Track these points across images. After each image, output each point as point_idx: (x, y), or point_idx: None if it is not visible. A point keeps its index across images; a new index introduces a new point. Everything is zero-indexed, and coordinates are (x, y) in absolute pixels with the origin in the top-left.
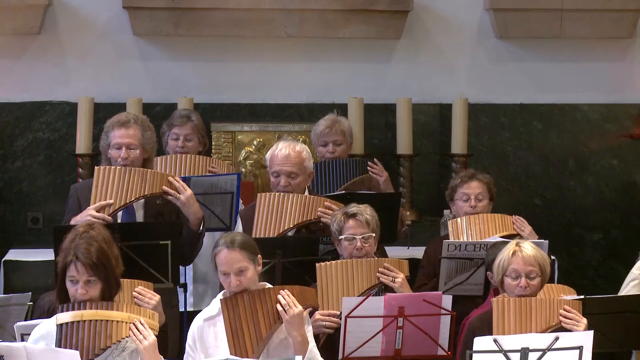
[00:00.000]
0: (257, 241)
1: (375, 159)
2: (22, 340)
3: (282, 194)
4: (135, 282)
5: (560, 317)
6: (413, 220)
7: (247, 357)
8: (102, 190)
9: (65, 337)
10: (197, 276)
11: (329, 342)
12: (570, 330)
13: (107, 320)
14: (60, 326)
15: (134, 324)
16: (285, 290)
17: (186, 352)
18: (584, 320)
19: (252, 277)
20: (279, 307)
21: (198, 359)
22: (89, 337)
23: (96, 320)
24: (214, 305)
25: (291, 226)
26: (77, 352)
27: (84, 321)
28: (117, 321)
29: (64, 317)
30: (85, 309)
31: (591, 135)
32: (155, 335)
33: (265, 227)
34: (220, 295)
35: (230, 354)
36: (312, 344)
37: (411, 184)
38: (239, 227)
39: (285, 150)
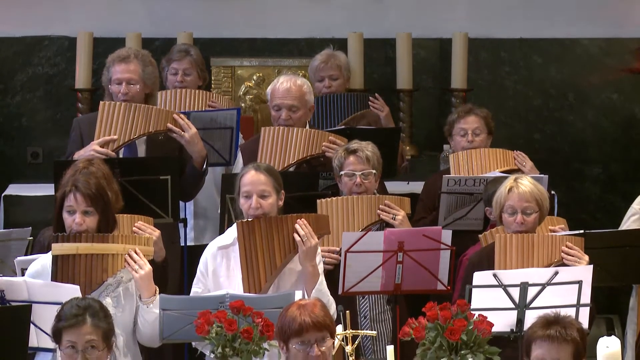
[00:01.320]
0: None
1: (376, 94)
2: (23, 275)
3: (286, 128)
4: (135, 217)
5: (562, 254)
6: (413, 155)
7: (261, 287)
8: (106, 125)
9: (60, 270)
10: (197, 211)
11: (329, 277)
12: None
13: (103, 254)
14: (55, 258)
15: (128, 254)
16: (303, 219)
17: (197, 277)
18: (586, 257)
19: (273, 205)
20: (296, 237)
21: (207, 286)
22: (85, 272)
23: (92, 255)
24: (229, 234)
25: (295, 160)
26: (78, 287)
27: (79, 255)
28: (113, 254)
29: (59, 248)
30: (81, 241)
31: (591, 70)
32: (151, 261)
33: (269, 161)
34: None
35: (243, 281)
36: (322, 277)
37: (411, 119)
38: (239, 161)
39: (286, 84)
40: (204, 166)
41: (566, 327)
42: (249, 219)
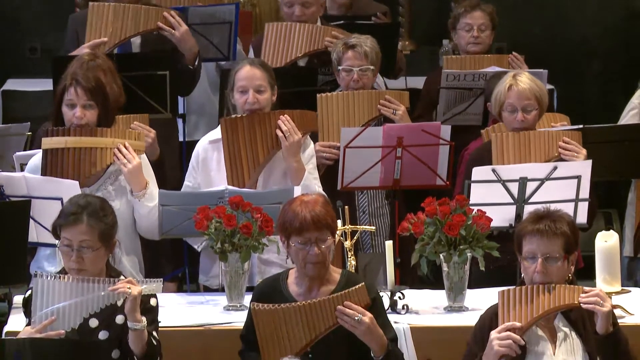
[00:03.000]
0: None
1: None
2: (22, 170)
3: (290, 23)
4: (131, 117)
5: (559, 149)
6: (412, 50)
7: (244, 182)
8: (96, 27)
9: (50, 164)
10: (190, 107)
11: (328, 173)
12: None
13: (91, 148)
14: (45, 152)
15: (117, 147)
16: (286, 115)
17: (188, 170)
18: (584, 151)
19: (268, 100)
20: (279, 132)
21: (198, 180)
22: (74, 165)
23: (80, 148)
24: (220, 128)
25: (299, 55)
26: (77, 182)
27: (68, 149)
28: (102, 148)
29: (49, 142)
30: (70, 135)
31: None
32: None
33: (273, 57)
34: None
35: (227, 176)
36: (309, 171)
37: (410, 13)
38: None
39: None
40: (196, 63)
41: (556, 221)
42: (232, 117)
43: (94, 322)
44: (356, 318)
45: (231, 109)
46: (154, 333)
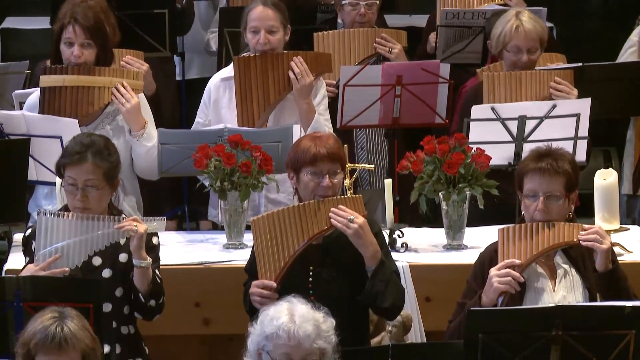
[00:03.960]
0: None
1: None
2: (21, 108)
3: None
4: (124, 51)
5: (550, 89)
6: None
7: (254, 122)
8: None
9: (47, 102)
10: (186, 44)
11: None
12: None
13: (89, 87)
14: (42, 90)
15: (115, 87)
16: (299, 57)
17: (200, 107)
18: (575, 92)
19: (280, 41)
20: (291, 74)
21: (210, 117)
22: (71, 103)
23: (78, 87)
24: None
25: None
26: (76, 121)
27: (66, 87)
28: (100, 87)
29: (47, 80)
30: (68, 74)
31: None
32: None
33: None
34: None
35: (237, 115)
36: (320, 112)
37: None
38: None
39: None
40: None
41: (557, 159)
42: (245, 55)
43: (97, 261)
44: (349, 218)
45: (242, 47)
46: (157, 271)
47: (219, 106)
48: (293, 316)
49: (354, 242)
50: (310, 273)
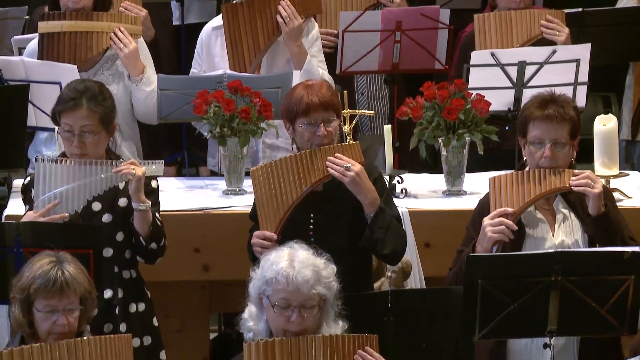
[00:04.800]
0: None
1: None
2: (20, 54)
3: None
4: None
5: (541, 28)
6: None
7: (246, 68)
8: None
9: (46, 47)
10: None
11: (327, 57)
12: (552, 42)
13: (87, 32)
14: (41, 36)
15: (114, 32)
16: (286, 0)
17: (194, 57)
18: (566, 30)
19: None
20: (279, 18)
21: (204, 67)
22: (70, 49)
23: (76, 32)
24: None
25: None
26: (75, 67)
27: (64, 33)
28: (98, 32)
29: (45, 26)
30: (66, 19)
31: None
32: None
33: None
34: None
35: (229, 62)
36: (313, 54)
37: None
38: None
39: None
40: None
41: (563, 106)
42: (235, 1)
43: (97, 206)
44: (345, 166)
45: None
46: (157, 215)
47: (211, 55)
48: (293, 262)
49: (352, 190)
50: (311, 220)
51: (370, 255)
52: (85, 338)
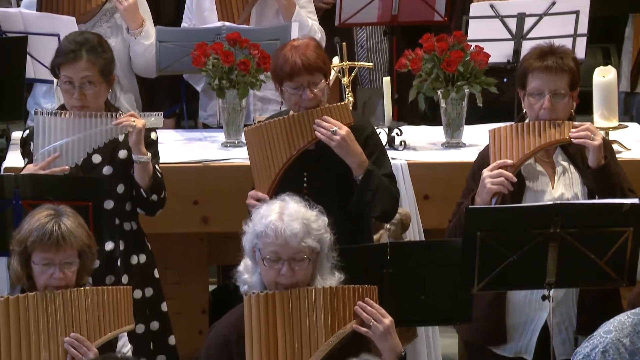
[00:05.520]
0: None
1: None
2: (18, 6)
3: None
4: None
5: None
6: None
7: (234, 21)
8: None
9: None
10: None
11: (325, 16)
12: None
13: None
14: None
15: None
16: None
17: (185, 12)
18: None
19: None
20: None
21: (194, 21)
22: (69, 1)
23: None
24: None
25: None
26: (74, 18)
27: None
28: None
29: None
30: None
31: None
32: None
33: None
34: None
35: (217, 14)
36: (302, 5)
37: None
38: None
39: None
40: None
41: (562, 57)
42: None
43: (97, 158)
44: (332, 129)
45: None
46: (157, 167)
47: (201, 9)
48: (282, 215)
49: (339, 153)
50: (305, 179)
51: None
52: (82, 288)
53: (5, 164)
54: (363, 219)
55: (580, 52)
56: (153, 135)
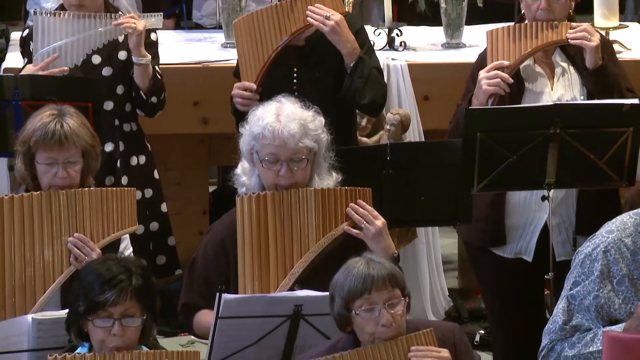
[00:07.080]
0: None
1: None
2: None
3: None
4: None
5: None
6: None
7: None
8: None
9: None
10: None
11: None
12: None
13: None
14: None
15: None
16: None
17: None
18: None
19: None
20: None
21: None
22: None
23: None
24: None
25: None
26: None
27: None
28: None
29: None
30: None
31: None
32: None
33: None
34: None
35: None
36: None
37: None
38: None
39: None
40: None
41: None
42: None
43: (96, 59)
44: (325, 15)
45: None
46: (157, 68)
47: None
48: (279, 116)
49: (331, 39)
50: (295, 75)
51: (353, 110)
52: (86, 189)
53: (5, 65)
54: (351, 118)
55: None
56: (153, 36)
